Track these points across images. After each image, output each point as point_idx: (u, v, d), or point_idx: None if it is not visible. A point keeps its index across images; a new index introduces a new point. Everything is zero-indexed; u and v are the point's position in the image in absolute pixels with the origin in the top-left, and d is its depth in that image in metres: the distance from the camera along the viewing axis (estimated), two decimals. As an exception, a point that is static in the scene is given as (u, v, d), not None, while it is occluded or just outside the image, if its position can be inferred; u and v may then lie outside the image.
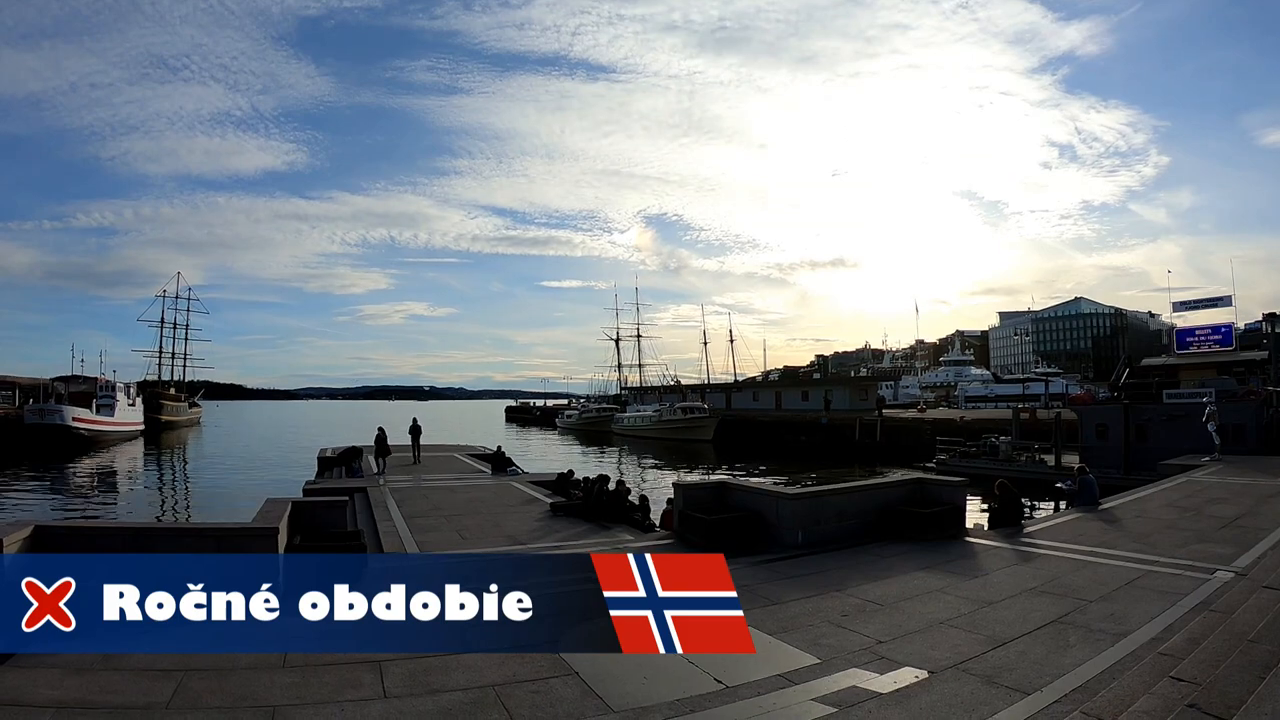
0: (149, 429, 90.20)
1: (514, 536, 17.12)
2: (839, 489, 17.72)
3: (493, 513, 20.69)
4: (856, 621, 10.05)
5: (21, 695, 7.42)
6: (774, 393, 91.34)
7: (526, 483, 26.62)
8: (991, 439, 41.14)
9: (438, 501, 22.60)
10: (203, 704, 7.32)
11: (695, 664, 8.46)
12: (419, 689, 7.80)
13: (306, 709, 7.24)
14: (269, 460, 61.22)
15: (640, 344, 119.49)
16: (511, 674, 8.19)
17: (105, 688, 7.67)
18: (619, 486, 20.04)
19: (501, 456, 32.75)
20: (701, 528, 15.03)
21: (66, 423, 66.08)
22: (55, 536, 10.83)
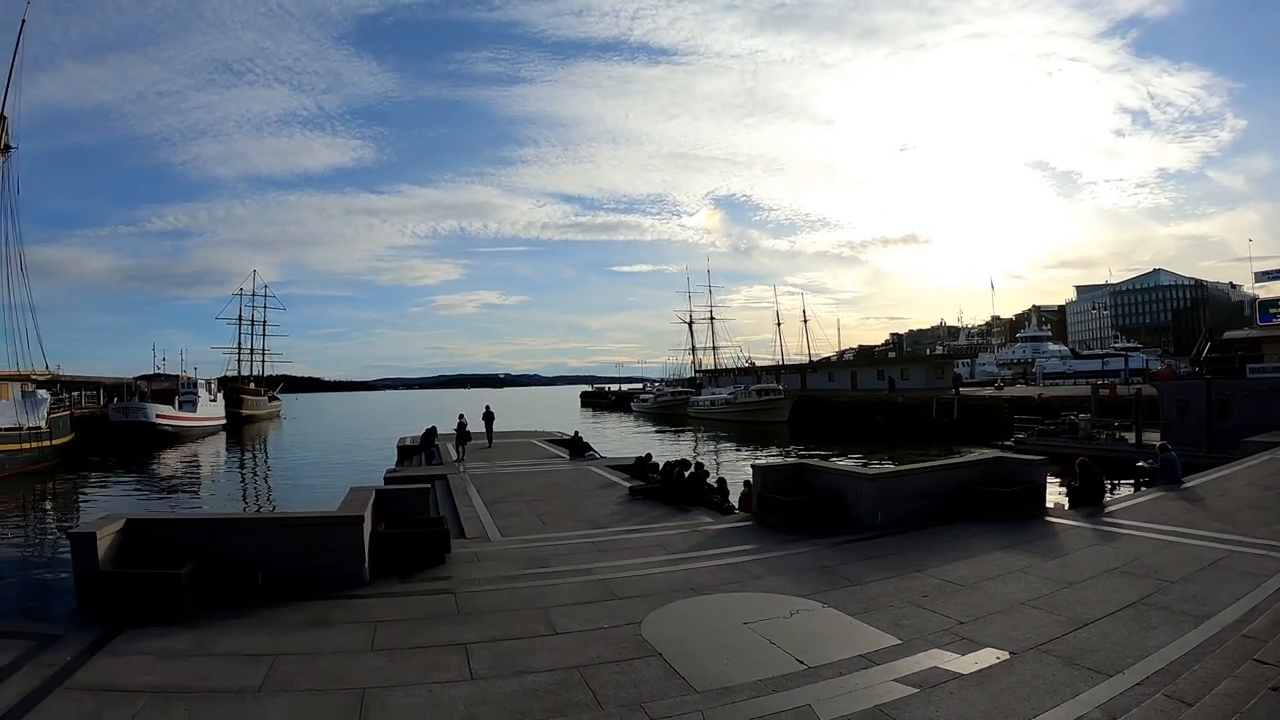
0: (230, 423, 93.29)
1: (593, 520, 17.41)
2: (917, 469, 17.66)
3: (571, 497, 21.08)
4: (937, 602, 10.08)
5: (118, 681, 7.86)
6: (849, 373, 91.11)
7: (604, 467, 26.91)
8: (1070, 416, 40.30)
9: (517, 487, 23.03)
10: (293, 687, 7.70)
11: (776, 644, 8.59)
12: (504, 670, 8.07)
13: (395, 691, 7.56)
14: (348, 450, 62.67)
15: (714, 326, 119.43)
16: (596, 655, 8.43)
17: (198, 673, 8.11)
18: (697, 469, 20.17)
19: (579, 441, 33.08)
20: (781, 509, 15.11)
21: (150, 419, 68.73)
22: (145, 529, 11.41)
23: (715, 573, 11.95)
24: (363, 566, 11.66)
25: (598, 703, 7.23)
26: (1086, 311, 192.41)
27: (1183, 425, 33.69)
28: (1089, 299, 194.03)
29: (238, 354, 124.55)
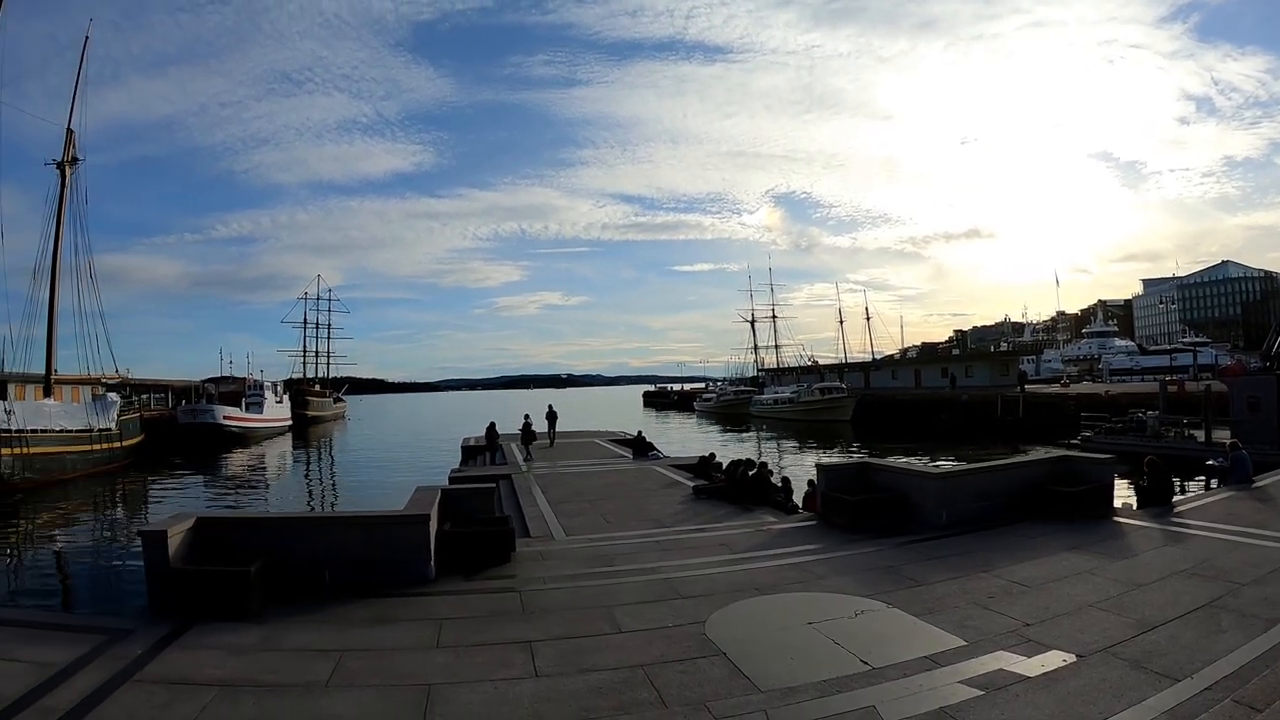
0: (296, 424, 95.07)
1: (658, 520, 17.42)
2: (983, 468, 17.41)
3: (635, 497, 21.13)
4: (1003, 603, 9.91)
5: (188, 674, 8.08)
6: (913, 370, 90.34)
7: (667, 466, 26.94)
8: (1138, 414, 39.13)
9: (580, 487, 23.15)
10: (360, 682, 7.83)
11: (840, 645, 8.52)
12: (569, 668, 8.12)
13: (460, 687, 7.64)
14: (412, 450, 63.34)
15: (775, 325, 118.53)
16: (660, 654, 8.42)
17: (266, 667, 8.29)
18: (761, 468, 20.10)
19: (642, 441, 33.13)
20: (846, 509, 15.00)
21: (217, 421, 70.28)
22: (215, 527, 11.76)
23: (779, 572, 11.89)
24: (428, 565, 11.81)
25: (662, 701, 7.24)
26: (1153, 305, 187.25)
27: (1254, 422, 32.60)
28: (1156, 293, 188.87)
29: (303, 356, 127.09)
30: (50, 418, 42.89)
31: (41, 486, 38.66)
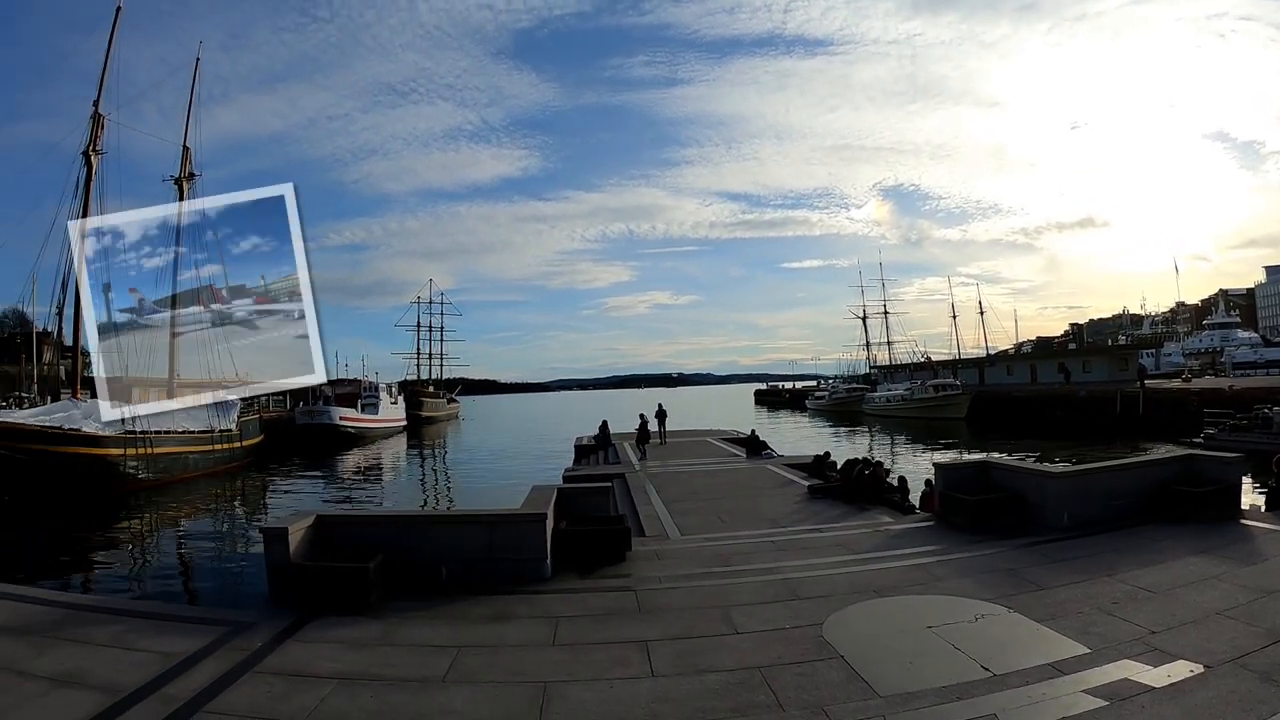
0: (411, 425, 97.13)
1: (773, 519, 17.23)
2: (1105, 467, 16.68)
3: (749, 496, 20.98)
4: (1127, 609, 9.42)
5: (307, 667, 8.29)
6: (1029, 366, 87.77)
7: (781, 465, 26.68)
8: (1264, 410, 36.88)
9: (695, 486, 23.08)
10: (476, 678, 7.89)
11: (962, 650, 8.23)
12: (685, 669, 8.02)
13: (576, 685, 7.62)
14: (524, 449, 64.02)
15: (887, 321, 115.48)
16: (777, 656, 8.27)
17: (384, 661, 8.43)
18: (877, 468, 19.73)
19: (756, 440, 32.90)
20: (964, 509, 14.57)
21: (334, 422, 72.44)
22: (333, 525, 12.15)
23: (897, 574, 11.59)
24: (545, 563, 11.88)
25: (779, 704, 7.11)
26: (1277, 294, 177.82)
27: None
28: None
29: (416, 359, 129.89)
30: (173, 420, 44.75)
31: (165, 485, 40.35)
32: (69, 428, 36.46)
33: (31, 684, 8.04)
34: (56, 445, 35.23)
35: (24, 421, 36.16)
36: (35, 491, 32.35)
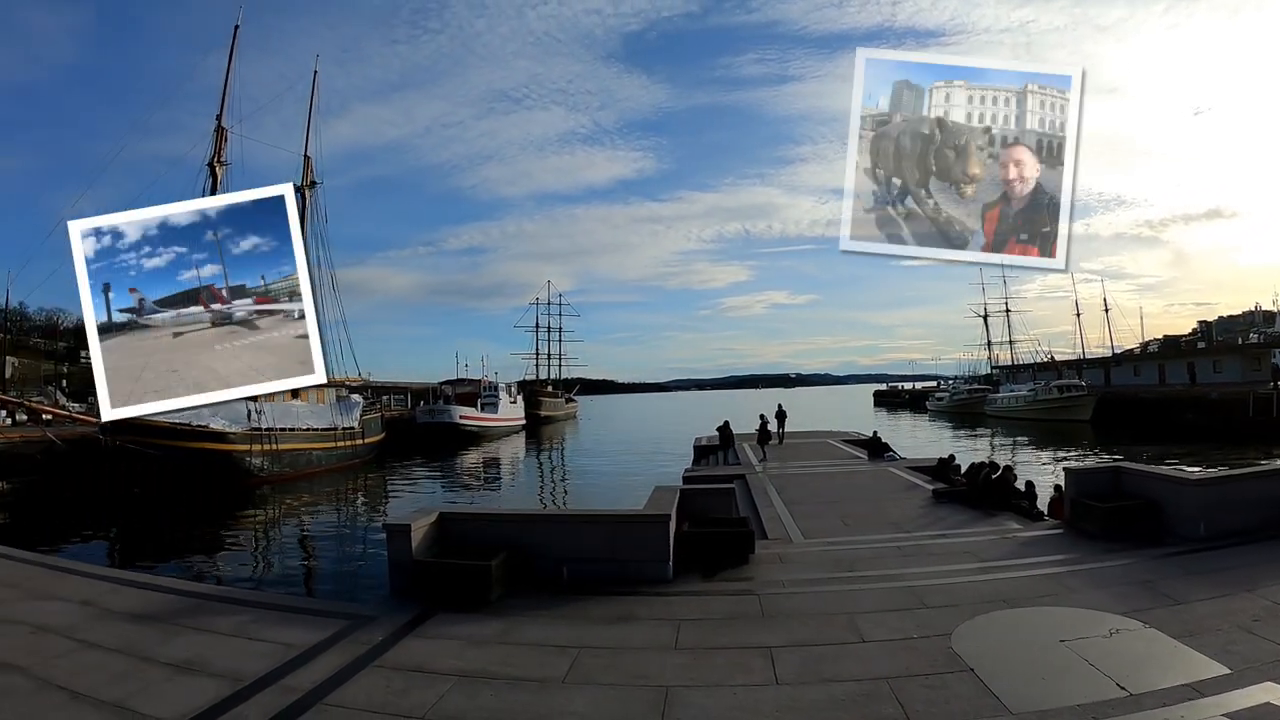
0: (529, 424, 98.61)
1: (898, 524, 16.82)
2: (1247, 474, 15.71)
3: (873, 499, 20.59)
4: (1269, 627, 8.76)
5: (427, 663, 8.33)
6: (1156, 366, 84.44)
7: (904, 468, 26.15)
8: None
9: (816, 488, 22.77)
10: (597, 680, 7.79)
11: (1096, 666, 7.78)
12: (810, 677, 7.77)
13: (698, 691, 7.45)
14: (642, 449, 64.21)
15: (1009, 319, 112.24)
16: (905, 667, 7.94)
17: (504, 660, 8.41)
18: (1005, 472, 19.10)
19: (878, 442, 32.31)
20: (1095, 516, 13.91)
21: (454, 420, 74.31)
22: (456, 522, 12.35)
23: (1027, 584, 11.06)
24: (667, 565, 11.76)
25: (907, 718, 6.83)
26: None
27: None
28: None
29: (535, 359, 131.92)
30: (297, 417, 46.69)
31: (289, 480, 41.97)
32: (197, 424, 38.11)
33: (156, 669, 8.32)
34: (184, 441, 36.91)
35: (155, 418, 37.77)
36: (164, 485, 33.85)
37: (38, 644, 9.32)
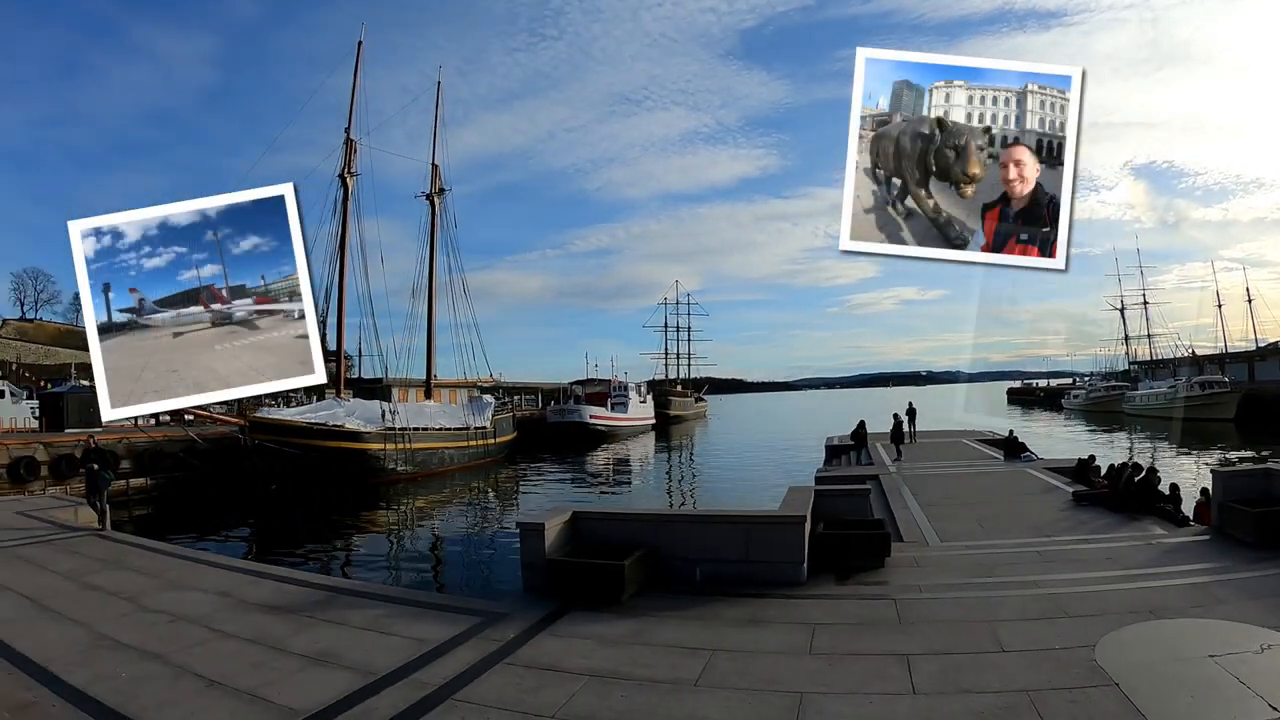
0: (659, 423, 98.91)
1: (1037, 527, 16.27)
2: None
3: (1010, 501, 19.98)
4: None
5: (558, 662, 8.33)
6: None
7: (1042, 469, 25.31)
8: None
9: (952, 489, 22.26)
10: (729, 684, 7.64)
11: (1247, 685, 7.27)
12: (948, 687, 7.47)
13: (833, 698, 7.24)
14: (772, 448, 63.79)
15: (1147, 312, 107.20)
16: (1046, 679, 7.55)
17: (636, 661, 8.35)
18: (1148, 474, 18.23)
19: (1014, 441, 31.33)
20: (1246, 522, 13.14)
21: (584, 420, 75.27)
22: (589, 521, 12.46)
23: (1172, 593, 10.44)
24: (801, 567, 11.55)
25: (1046, 733, 6.52)
26: None
27: None
28: None
29: (664, 358, 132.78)
30: (430, 417, 48.06)
31: (422, 478, 43.14)
32: (333, 424, 39.58)
33: (289, 660, 8.60)
34: (321, 440, 38.31)
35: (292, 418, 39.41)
36: (300, 482, 35.22)
37: (177, 632, 9.80)
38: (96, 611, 10.97)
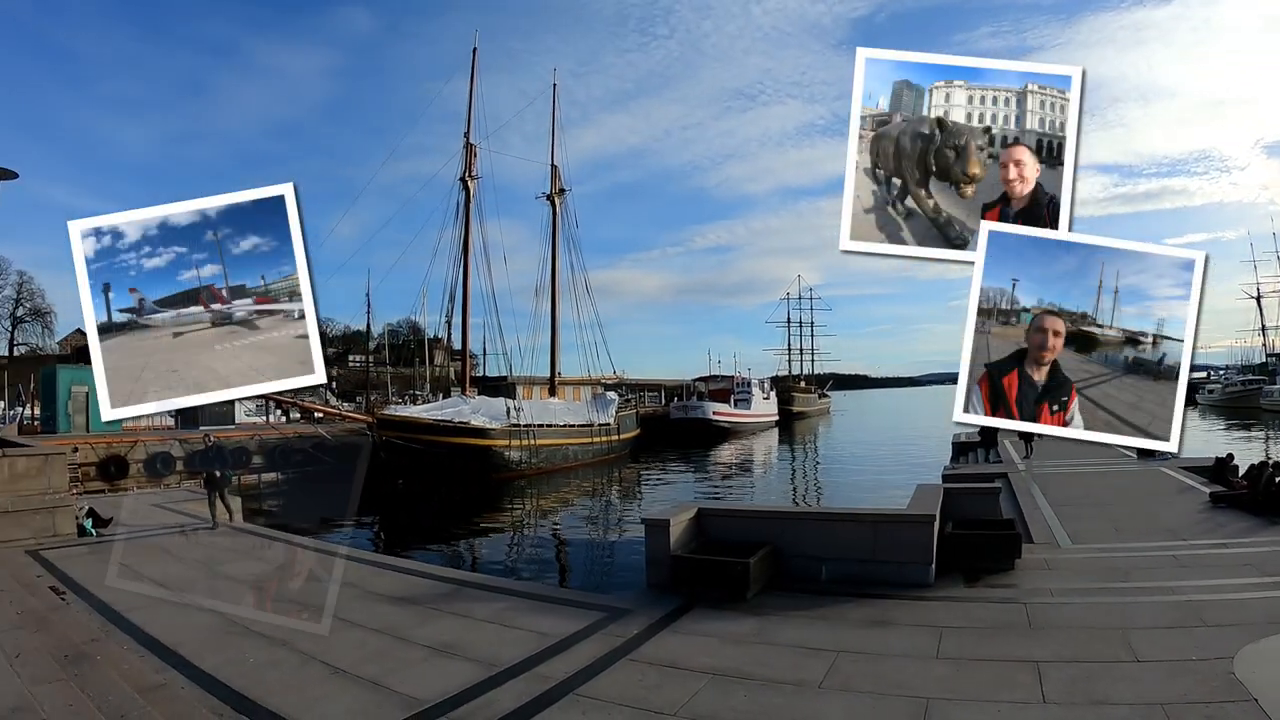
0: (782, 419, 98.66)
1: (1172, 530, 15.53)
2: None
3: (1143, 502, 19.14)
4: None
5: (680, 659, 8.31)
6: None
7: (1176, 468, 24.23)
8: None
9: (1082, 488, 21.53)
10: (854, 687, 7.51)
11: None
12: (1080, 698, 7.17)
13: (960, 705, 7.05)
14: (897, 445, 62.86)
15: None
16: (1181, 692, 7.17)
17: (760, 660, 8.28)
18: None
19: (1147, 438, 30.18)
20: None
21: (707, 416, 75.60)
22: (714, 517, 12.52)
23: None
24: (929, 568, 11.31)
25: (1183, 751, 6.20)
26: None
27: None
28: None
29: (787, 354, 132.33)
30: (554, 414, 48.78)
31: (546, 474, 43.84)
32: (458, 420, 40.48)
33: (414, 651, 8.82)
34: (447, 436, 39.26)
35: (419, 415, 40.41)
36: (426, 477, 36.24)
37: (305, 621, 10.19)
38: (226, 599, 11.46)
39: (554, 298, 57.64)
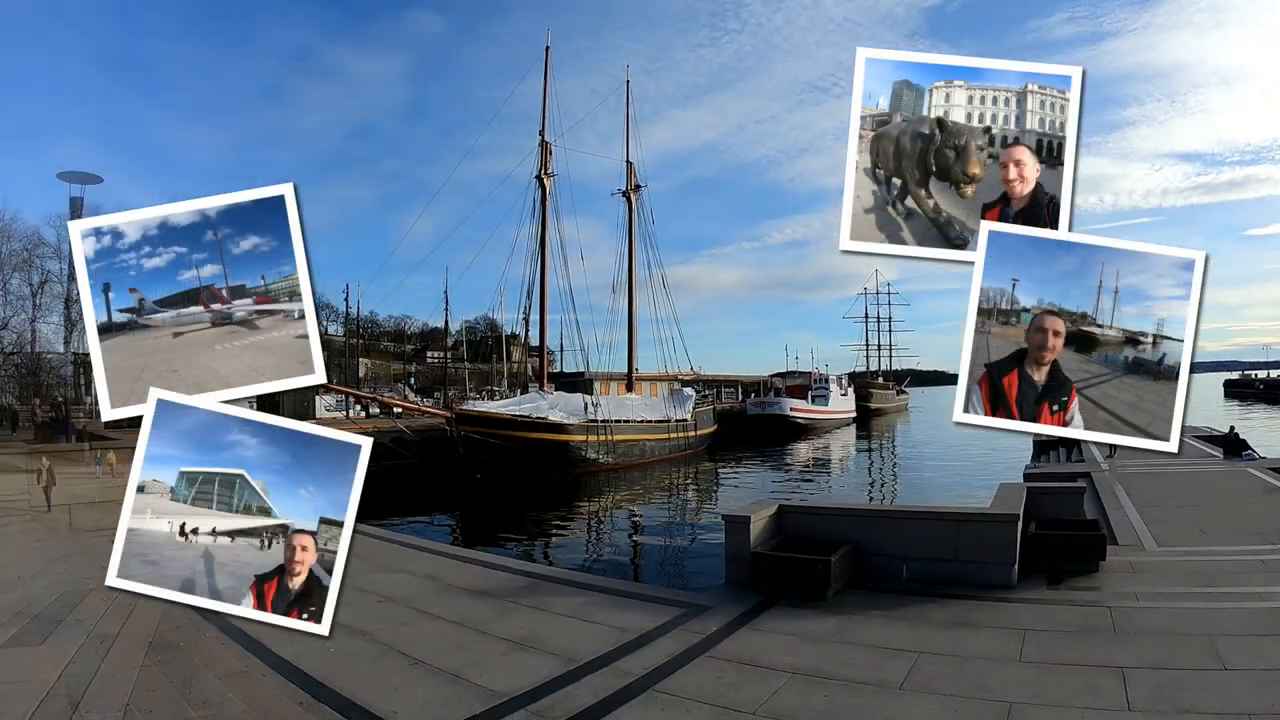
0: (860, 416, 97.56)
1: (1261, 533, 15.01)
2: None
3: (1230, 503, 18.62)
4: None
5: (760, 657, 8.29)
6: None
7: (1265, 470, 23.54)
8: None
9: (1167, 489, 20.91)
10: (935, 689, 7.42)
11: None
12: (1165, 706, 6.99)
13: (1043, 710, 6.93)
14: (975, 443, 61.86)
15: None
16: (1270, 703, 6.93)
17: (840, 659, 8.22)
18: None
19: (1235, 438, 29.32)
20: None
21: (784, 412, 75.19)
22: (794, 515, 12.43)
23: None
24: (1011, 569, 11.13)
25: (1269, 764, 6.01)
26: None
27: None
28: None
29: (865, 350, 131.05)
30: (631, 410, 49.19)
31: (623, 469, 44.16)
32: (536, 416, 40.85)
33: (493, 644, 8.93)
34: (525, 431, 39.67)
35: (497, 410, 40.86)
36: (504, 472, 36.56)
37: (385, 612, 10.34)
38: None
39: (631, 294, 58.02)
